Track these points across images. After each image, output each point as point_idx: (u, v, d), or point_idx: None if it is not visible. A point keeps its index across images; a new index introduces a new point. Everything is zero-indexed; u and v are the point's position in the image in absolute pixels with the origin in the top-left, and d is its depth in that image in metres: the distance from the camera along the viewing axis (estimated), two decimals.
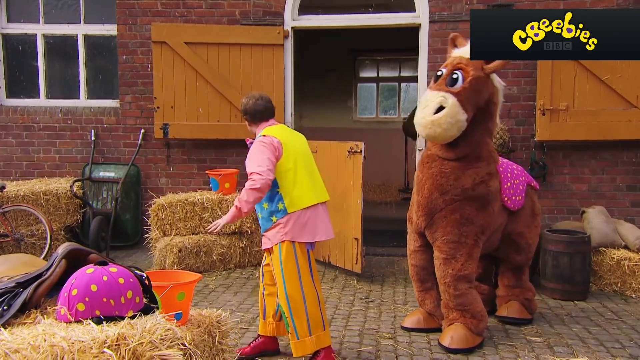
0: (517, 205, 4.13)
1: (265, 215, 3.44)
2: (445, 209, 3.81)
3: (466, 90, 3.65)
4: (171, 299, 2.44)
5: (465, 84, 3.66)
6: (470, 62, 3.69)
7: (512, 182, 4.13)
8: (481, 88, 3.72)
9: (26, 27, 6.97)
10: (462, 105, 3.62)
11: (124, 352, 1.82)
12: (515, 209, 4.13)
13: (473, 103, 3.70)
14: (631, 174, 6.14)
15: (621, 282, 5.14)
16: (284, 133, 3.50)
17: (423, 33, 6.34)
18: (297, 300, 3.37)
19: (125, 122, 6.80)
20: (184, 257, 5.60)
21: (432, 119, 3.61)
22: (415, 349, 3.80)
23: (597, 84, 5.87)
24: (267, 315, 3.63)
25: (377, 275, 5.66)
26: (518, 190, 4.15)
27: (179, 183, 6.75)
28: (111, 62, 6.95)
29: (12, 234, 5.63)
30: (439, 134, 3.65)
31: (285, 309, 3.39)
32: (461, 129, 3.67)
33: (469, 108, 3.66)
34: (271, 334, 3.63)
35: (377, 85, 11.87)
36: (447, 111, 3.60)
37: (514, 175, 4.19)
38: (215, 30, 6.45)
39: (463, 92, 3.64)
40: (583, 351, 3.79)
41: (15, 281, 2.34)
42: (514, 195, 4.11)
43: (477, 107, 3.75)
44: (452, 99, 3.61)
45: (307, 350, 3.41)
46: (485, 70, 3.71)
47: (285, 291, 3.37)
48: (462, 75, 3.68)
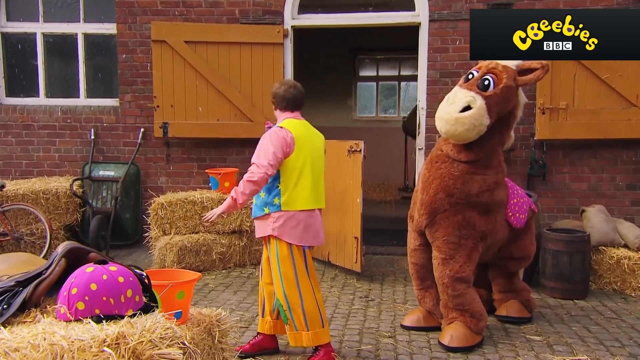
0: (520, 224, 4.15)
1: (260, 204, 3.43)
2: (448, 210, 3.80)
3: (496, 96, 3.67)
4: (171, 297, 2.44)
5: (497, 90, 3.68)
6: (505, 70, 3.73)
7: (518, 200, 4.16)
8: (510, 97, 3.75)
9: (25, 26, 6.97)
10: (488, 110, 3.63)
11: (124, 351, 1.82)
12: (518, 227, 4.14)
13: (498, 110, 3.71)
14: (631, 173, 6.15)
15: (621, 281, 5.14)
16: (302, 130, 3.46)
17: (423, 32, 6.34)
18: (294, 297, 3.38)
19: (125, 121, 6.80)
20: (184, 256, 5.59)
21: (457, 117, 3.61)
22: (415, 348, 3.80)
23: (597, 83, 5.87)
24: (265, 314, 3.63)
25: (377, 274, 5.66)
26: (522, 209, 4.17)
27: (178, 182, 6.75)
28: (111, 61, 6.94)
29: (12, 232, 5.63)
30: (460, 132, 3.64)
31: (283, 303, 3.40)
32: (480, 133, 3.68)
33: (493, 115, 3.68)
34: (269, 332, 3.63)
35: (376, 84, 11.87)
36: (473, 112, 3.61)
37: (519, 194, 4.23)
38: (215, 29, 6.44)
39: (493, 97, 3.67)
40: (582, 350, 3.80)
41: (15, 280, 2.34)
42: (519, 212, 4.13)
43: (499, 116, 3.76)
44: (481, 101, 3.63)
45: (303, 342, 3.42)
46: (518, 82, 3.74)
47: (283, 287, 3.38)
48: (493, 80, 3.70)
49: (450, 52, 6.28)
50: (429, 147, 6.37)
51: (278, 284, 3.41)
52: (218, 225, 5.75)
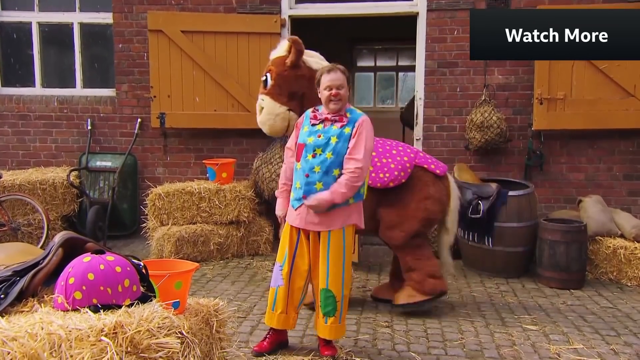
0: (377, 182, 4.03)
1: None
2: None
3: (275, 87, 4.20)
4: (169, 287, 2.44)
5: (273, 82, 4.21)
6: (274, 62, 4.24)
7: (387, 160, 4.10)
8: (290, 79, 4.19)
9: (21, 15, 6.91)
10: (276, 100, 4.19)
11: (122, 340, 1.83)
12: (375, 187, 4.01)
13: (287, 94, 4.20)
14: (628, 163, 6.15)
15: (617, 271, 5.16)
16: None
17: (421, 22, 6.31)
18: (348, 286, 3.43)
19: (122, 112, 6.77)
20: (182, 246, 5.59)
21: (259, 120, 4.32)
22: (412, 337, 3.82)
23: (594, 73, 5.86)
24: (290, 309, 3.44)
25: (375, 265, 5.67)
26: (385, 169, 4.06)
27: (176, 173, 6.74)
28: (107, 50, 6.89)
29: (9, 223, 5.62)
30: (269, 129, 4.30)
31: (338, 293, 3.33)
32: (287, 119, 4.21)
33: (284, 100, 4.20)
34: (290, 326, 3.51)
35: (374, 75, 11.82)
36: (264, 110, 4.24)
37: (392, 155, 4.15)
38: (212, 18, 6.40)
39: (272, 89, 4.21)
40: (579, 339, 3.82)
41: (12, 270, 2.34)
42: (381, 172, 4.05)
43: (300, 94, 4.20)
44: (266, 99, 4.23)
45: (343, 332, 3.50)
46: (287, 64, 4.17)
47: (343, 276, 3.34)
48: (270, 75, 4.23)
49: (449, 41, 6.26)
50: (426, 137, 6.37)
51: (338, 275, 3.32)
52: (215, 216, 5.75)
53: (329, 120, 3.34)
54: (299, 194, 3.33)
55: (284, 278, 3.41)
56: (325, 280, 3.33)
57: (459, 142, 6.29)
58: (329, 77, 3.32)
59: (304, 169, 3.31)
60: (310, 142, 3.33)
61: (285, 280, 3.40)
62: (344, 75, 3.36)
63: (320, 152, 3.28)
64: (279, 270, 3.43)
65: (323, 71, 3.39)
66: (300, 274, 3.41)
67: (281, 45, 4.32)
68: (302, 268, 3.40)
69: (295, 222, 3.37)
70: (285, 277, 3.40)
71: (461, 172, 5.72)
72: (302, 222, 3.34)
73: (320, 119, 3.37)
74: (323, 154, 3.27)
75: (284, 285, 3.41)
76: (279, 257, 3.46)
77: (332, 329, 3.39)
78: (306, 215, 3.31)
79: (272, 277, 3.51)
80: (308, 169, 3.30)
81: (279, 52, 4.30)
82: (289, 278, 3.41)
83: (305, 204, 3.27)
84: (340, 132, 3.30)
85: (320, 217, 3.29)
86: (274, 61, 4.25)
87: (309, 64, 4.22)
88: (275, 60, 4.24)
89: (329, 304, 3.35)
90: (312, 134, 3.35)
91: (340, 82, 3.31)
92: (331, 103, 3.32)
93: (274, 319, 3.44)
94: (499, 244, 5.23)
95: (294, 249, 3.40)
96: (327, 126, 3.34)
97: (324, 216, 3.28)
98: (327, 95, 3.32)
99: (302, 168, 3.33)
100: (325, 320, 3.38)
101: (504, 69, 6.19)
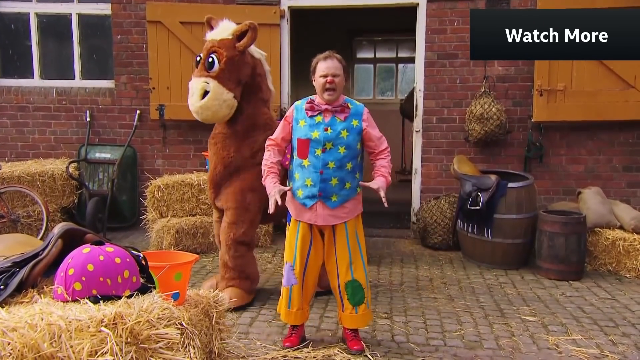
0: None
1: (355, 185, 3.30)
2: (229, 180, 4.11)
3: (223, 71, 3.89)
4: (168, 279, 2.45)
5: (222, 65, 3.88)
6: (222, 44, 3.92)
7: None
8: (240, 64, 3.96)
9: (19, 6, 6.86)
10: (224, 85, 3.88)
11: (121, 331, 1.83)
12: None
13: (235, 80, 3.96)
14: (627, 155, 6.15)
15: (616, 262, 5.17)
16: None
17: (421, 13, 6.28)
18: (368, 274, 3.44)
19: (121, 103, 6.75)
20: (181, 238, 5.60)
21: (201, 104, 3.88)
22: (412, 329, 3.83)
23: (594, 65, 5.84)
24: (304, 304, 3.43)
25: (374, 257, 5.67)
26: None
27: (175, 164, 6.73)
28: (106, 42, 6.86)
29: (9, 214, 5.62)
30: (211, 116, 3.94)
31: (363, 281, 3.33)
32: (232, 107, 3.97)
33: (232, 86, 3.93)
34: (301, 321, 3.46)
35: (374, 67, 11.79)
36: (210, 95, 3.85)
37: None
38: (211, 9, 6.32)
39: (221, 73, 3.88)
40: (577, 330, 3.83)
41: (12, 261, 2.34)
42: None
43: (243, 83, 4.04)
44: (212, 82, 3.86)
45: (372, 316, 3.53)
46: (239, 48, 3.94)
47: (364, 265, 3.35)
48: (217, 57, 3.89)
49: (448, 33, 6.23)
50: (426, 129, 6.36)
51: (359, 263, 3.31)
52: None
53: (330, 112, 3.22)
54: (312, 191, 3.23)
55: (297, 277, 3.35)
56: (349, 273, 3.30)
57: (459, 133, 6.28)
58: (325, 64, 3.21)
59: (316, 166, 3.21)
60: (316, 136, 3.19)
61: (299, 278, 3.36)
62: (341, 64, 3.24)
63: (331, 147, 3.18)
64: (290, 269, 3.37)
65: (319, 59, 3.25)
66: (314, 270, 3.40)
67: (223, 27, 4.01)
68: (317, 264, 3.39)
69: (311, 219, 3.28)
70: (299, 275, 3.35)
71: (461, 164, 5.72)
72: (320, 218, 3.25)
73: (319, 110, 3.24)
74: (335, 148, 3.19)
75: (297, 283, 3.36)
76: (287, 256, 3.40)
77: (364, 316, 3.39)
78: (323, 211, 3.25)
79: (284, 276, 3.44)
80: (321, 165, 3.19)
81: (221, 33, 3.97)
82: (302, 276, 3.36)
83: (382, 195, 3.19)
84: (349, 125, 3.23)
85: (338, 210, 3.26)
86: (221, 43, 3.91)
87: (252, 52, 4.09)
88: (225, 42, 3.92)
89: (357, 294, 3.32)
90: (315, 127, 3.21)
91: (336, 70, 3.20)
92: (326, 93, 3.20)
93: (291, 317, 3.42)
94: (498, 236, 5.23)
95: (309, 247, 3.33)
96: (328, 118, 3.22)
97: (341, 209, 3.26)
98: (322, 82, 3.19)
99: (313, 164, 3.21)
100: (356, 310, 3.35)
101: (504, 61, 6.17)
